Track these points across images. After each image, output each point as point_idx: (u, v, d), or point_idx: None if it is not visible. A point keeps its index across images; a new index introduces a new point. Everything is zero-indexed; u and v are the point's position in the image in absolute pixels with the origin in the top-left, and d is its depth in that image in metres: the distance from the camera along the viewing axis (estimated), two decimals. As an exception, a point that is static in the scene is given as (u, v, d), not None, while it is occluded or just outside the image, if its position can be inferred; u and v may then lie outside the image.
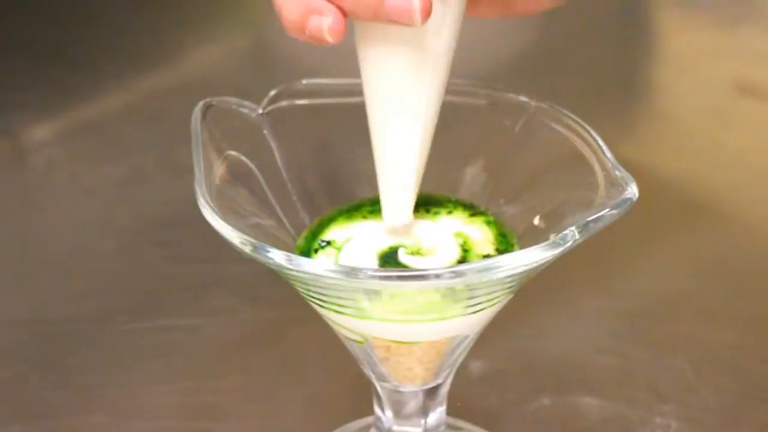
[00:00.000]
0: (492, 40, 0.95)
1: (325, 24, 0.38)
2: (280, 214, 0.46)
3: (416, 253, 0.44)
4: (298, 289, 0.42)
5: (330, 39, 0.38)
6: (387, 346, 0.44)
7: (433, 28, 0.40)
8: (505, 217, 0.47)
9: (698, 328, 0.61)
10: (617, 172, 0.42)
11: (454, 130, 0.47)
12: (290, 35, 0.39)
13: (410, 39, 0.40)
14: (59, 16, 0.98)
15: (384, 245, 0.45)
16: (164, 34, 0.97)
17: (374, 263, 0.44)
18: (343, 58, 0.92)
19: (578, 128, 0.45)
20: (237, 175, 0.45)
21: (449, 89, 0.47)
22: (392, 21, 0.38)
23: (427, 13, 0.38)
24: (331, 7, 0.38)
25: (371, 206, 0.47)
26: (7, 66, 0.90)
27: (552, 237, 0.40)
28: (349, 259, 0.44)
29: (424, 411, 0.48)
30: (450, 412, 0.49)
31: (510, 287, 0.42)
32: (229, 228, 0.40)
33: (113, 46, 0.94)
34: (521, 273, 0.39)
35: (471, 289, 0.41)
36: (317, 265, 0.38)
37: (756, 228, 0.71)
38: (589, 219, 0.40)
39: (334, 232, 0.46)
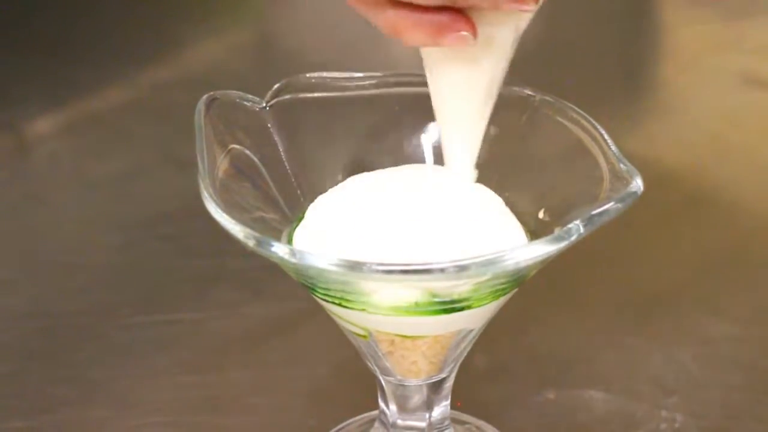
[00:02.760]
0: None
1: (468, 39, 0.40)
2: (284, 207, 0.45)
3: None
4: (302, 282, 0.42)
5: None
6: (391, 341, 0.44)
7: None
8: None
9: (703, 321, 0.61)
10: (622, 166, 0.42)
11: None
12: (408, 44, 0.41)
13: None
14: (62, 10, 0.98)
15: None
16: (167, 28, 0.97)
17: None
18: (347, 52, 0.92)
19: (583, 121, 0.45)
20: (241, 168, 0.45)
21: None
22: (507, 8, 0.40)
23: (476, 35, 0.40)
24: (461, 20, 0.40)
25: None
26: (10, 60, 0.90)
27: (557, 230, 0.40)
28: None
29: (429, 405, 0.48)
30: (451, 409, 0.49)
31: (514, 281, 0.42)
32: (233, 222, 0.39)
33: (116, 40, 0.94)
34: (526, 266, 0.39)
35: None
36: (321, 259, 0.38)
37: (761, 221, 0.71)
38: (593, 212, 0.39)
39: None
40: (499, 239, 0.43)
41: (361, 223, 0.43)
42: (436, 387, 0.47)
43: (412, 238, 0.42)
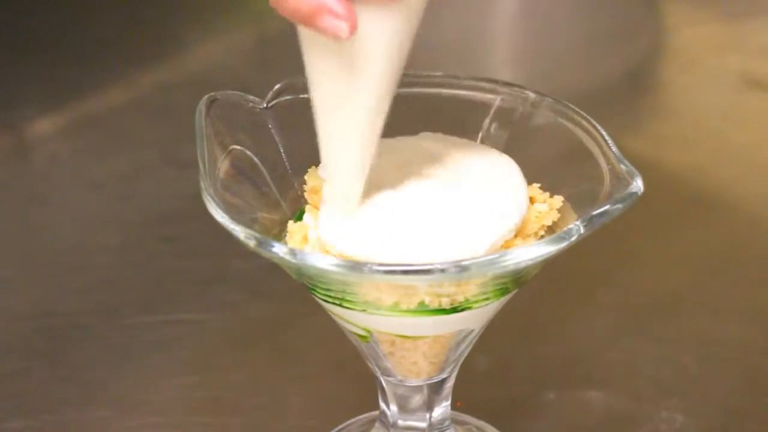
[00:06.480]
0: (496, 35, 0.95)
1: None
2: (285, 208, 0.45)
3: None
4: (303, 283, 0.42)
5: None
6: (392, 341, 0.44)
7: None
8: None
9: (704, 322, 0.61)
10: (622, 166, 0.42)
11: (460, 124, 0.47)
12: (284, 15, 0.38)
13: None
14: (62, 11, 0.98)
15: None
16: (168, 28, 0.97)
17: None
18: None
19: (583, 122, 0.45)
20: (241, 169, 0.45)
21: (454, 84, 0.47)
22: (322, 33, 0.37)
23: (353, 29, 0.37)
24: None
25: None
26: (11, 60, 0.90)
27: (557, 231, 0.40)
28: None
29: (429, 405, 0.48)
30: (451, 410, 0.49)
31: (515, 281, 0.42)
32: (234, 222, 0.40)
33: (117, 41, 0.94)
34: (526, 267, 0.39)
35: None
36: (321, 259, 0.38)
37: (762, 222, 0.71)
38: (594, 213, 0.39)
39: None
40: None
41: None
42: (436, 387, 0.47)
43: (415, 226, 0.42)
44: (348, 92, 0.40)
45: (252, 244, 0.39)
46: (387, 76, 0.40)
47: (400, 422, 0.48)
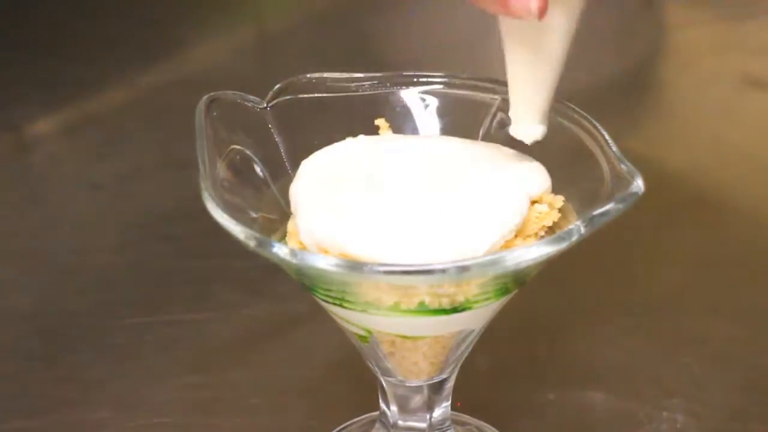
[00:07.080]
0: (497, 35, 0.95)
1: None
2: (285, 207, 0.45)
3: None
4: (303, 283, 0.42)
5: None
6: (392, 341, 0.44)
7: None
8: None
9: (704, 322, 0.61)
10: (623, 166, 0.42)
11: (460, 124, 0.47)
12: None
13: None
14: (62, 10, 0.98)
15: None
16: (168, 28, 0.97)
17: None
18: (347, 52, 0.92)
19: (584, 122, 0.45)
20: (241, 169, 0.45)
21: (455, 84, 0.47)
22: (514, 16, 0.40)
23: (543, 12, 0.39)
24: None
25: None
26: (10, 60, 0.90)
27: (557, 231, 0.39)
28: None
29: (430, 406, 0.48)
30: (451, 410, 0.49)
31: (515, 281, 0.42)
32: (234, 222, 0.39)
33: (117, 40, 0.94)
34: (526, 267, 0.39)
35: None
36: (321, 260, 0.38)
37: (762, 222, 0.71)
38: (594, 213, 0.39)
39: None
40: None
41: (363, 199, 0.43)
42: (436, 388, 0.47)
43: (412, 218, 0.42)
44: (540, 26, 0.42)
45: (252, 244, 0.39)
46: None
47: (401, 423, 0.48)
